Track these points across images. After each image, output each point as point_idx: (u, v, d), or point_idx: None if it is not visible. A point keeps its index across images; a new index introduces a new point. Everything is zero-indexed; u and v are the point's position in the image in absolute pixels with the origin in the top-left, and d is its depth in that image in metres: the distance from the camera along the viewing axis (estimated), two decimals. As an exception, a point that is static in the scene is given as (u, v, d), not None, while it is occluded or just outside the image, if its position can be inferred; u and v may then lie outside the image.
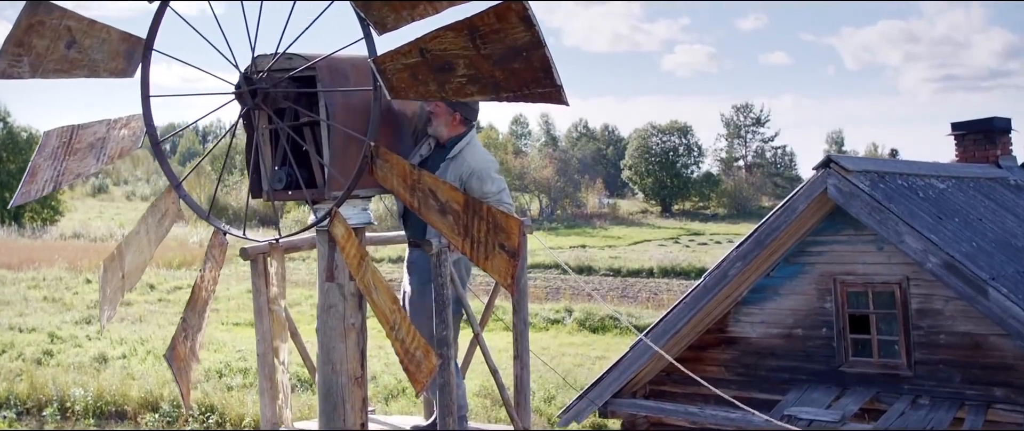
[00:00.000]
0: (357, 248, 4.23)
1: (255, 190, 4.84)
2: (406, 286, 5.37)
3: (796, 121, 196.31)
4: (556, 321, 31.68)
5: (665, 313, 10.64)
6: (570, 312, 32.31)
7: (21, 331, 26.20)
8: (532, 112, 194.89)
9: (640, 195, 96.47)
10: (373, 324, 5.15)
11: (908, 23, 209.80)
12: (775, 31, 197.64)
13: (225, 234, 4.63)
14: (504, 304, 32.92)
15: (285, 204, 5.00)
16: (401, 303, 5.39)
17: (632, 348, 10.58)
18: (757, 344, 10.46)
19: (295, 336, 5.58)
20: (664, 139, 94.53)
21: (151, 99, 4.69)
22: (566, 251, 57.71)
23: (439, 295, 4.74)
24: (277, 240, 4.78)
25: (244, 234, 4.68)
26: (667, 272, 46.22)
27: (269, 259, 5.21)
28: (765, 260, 10.07)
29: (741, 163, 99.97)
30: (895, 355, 9.52)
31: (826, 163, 9.32)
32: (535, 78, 3.47)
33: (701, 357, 10.77)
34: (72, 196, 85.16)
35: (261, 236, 5.01)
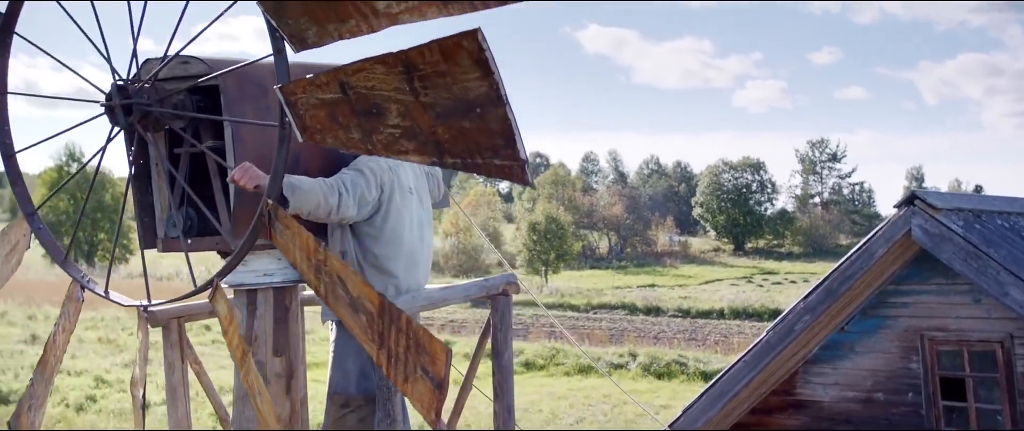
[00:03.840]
0: (239, 339, 3.11)
1: (147, 238, 3.74)
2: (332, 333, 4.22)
3: (873, 157, 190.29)
4: (619, 366, 30.19)
5: (721, 373, 9.30)
6: (634, 356, 30.80)
7: (69, 374, 25.71)
8: (601, 148, 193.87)
9: (712, 233, 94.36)
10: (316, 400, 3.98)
11: (990, 56, 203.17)
12: (850, 65, 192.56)
13: (83, 288, 3.54)
14: (564, 347, 31.59)
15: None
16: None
17: (678, 419, 9.25)
18: (830, 409, 9.05)
19: (225, 421, 4.43)
20: (736, 175, 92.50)
21: (8, 95, 3.62)
22: (634, 290, 56.19)
23: (383, 380, 3.54)
24: (145, 307, 3.64)
25: (107, 290, 3.58)
26: (739, 313, 44.48)
27: (186, 323, 4.09)
28: (838, 312, 8.71)
29: (817, 200, 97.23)
30: (998, 425, 8.05)
31: (910, 200, 7.94)
32: (491, 145, 2.40)
33: (765, 422, 9.39)
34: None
35: (135, 297, 3.88)
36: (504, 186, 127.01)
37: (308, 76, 2.73)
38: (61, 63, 3.48)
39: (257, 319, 3.65)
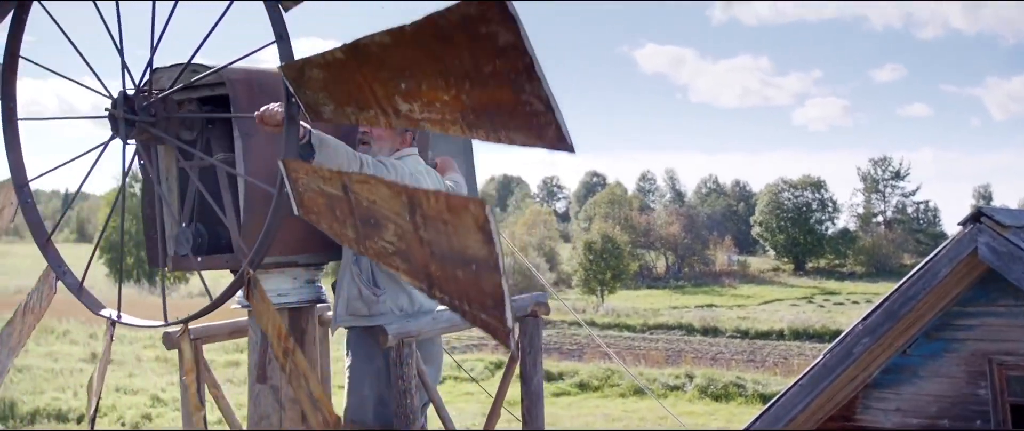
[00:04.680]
0: (195, 392, 2.99)
1: (154, 255, 3.58)
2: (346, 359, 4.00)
3: (939, 175, 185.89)
4: (676, 387, 29.69)
5: (777, 396, 8.93)
6: (691, 378, 30.28)
7: (126, 393, 26.02)
8: (658, 167, 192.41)
9: (772, 252, 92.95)
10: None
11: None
12: (914, 82, 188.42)
13: (57, 280, 3.41)
14: (620, 368, 31.14)
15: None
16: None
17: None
18: (893, 436, 8.62)
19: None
20: (796, 194, 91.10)
21: (18, 60, 3.50)
22: (691, 310, 55.46)
23: (400, 405, 3.33)
24: (114, 320, 3.47)
25: (81, 286, 3.42)
26: (799, 334, 43.63)
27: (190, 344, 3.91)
28: (900, 335, 8.31)
29: (880, 219, 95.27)
30: (1072, 457, 7.58)
31: (976, 217, 7.54)
32: (480, 301, 2.33)
33: (824, 449, 8.97)
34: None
35: (126, 305, 3.69)
36: (561, 206, 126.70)
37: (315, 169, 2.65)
38: (72, 44, 3.35)
39: (270, 344, 3.46)
